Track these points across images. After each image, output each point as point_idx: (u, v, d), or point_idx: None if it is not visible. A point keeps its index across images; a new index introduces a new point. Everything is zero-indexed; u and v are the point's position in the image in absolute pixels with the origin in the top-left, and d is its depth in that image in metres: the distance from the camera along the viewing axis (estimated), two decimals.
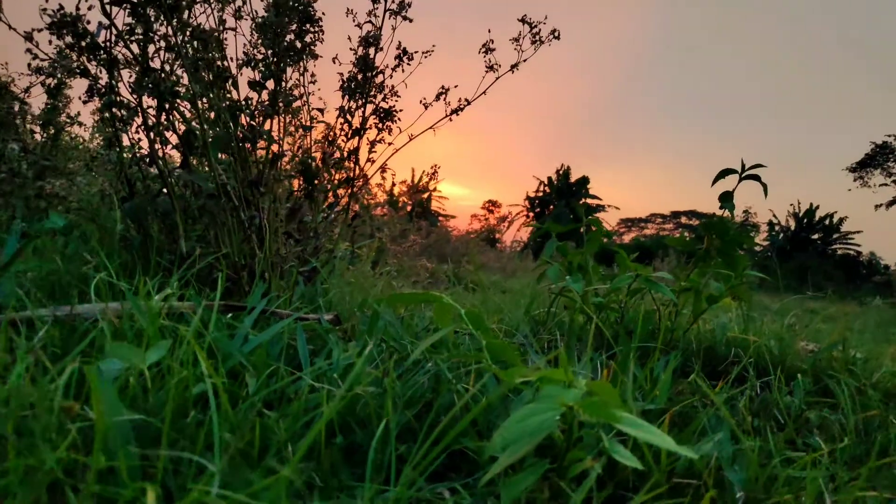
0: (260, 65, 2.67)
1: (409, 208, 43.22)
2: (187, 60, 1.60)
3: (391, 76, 2.80)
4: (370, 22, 2.85)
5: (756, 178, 2.06)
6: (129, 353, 0.88)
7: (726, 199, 2.03)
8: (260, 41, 2.65)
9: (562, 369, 0.90)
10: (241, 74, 2.46)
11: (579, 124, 79.00)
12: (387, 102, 2.90)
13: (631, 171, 77.40)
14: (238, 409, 0.92)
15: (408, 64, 2.78)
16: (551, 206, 40.52)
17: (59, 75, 1.70)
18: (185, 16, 1.75)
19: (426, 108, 3.01)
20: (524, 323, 2.28)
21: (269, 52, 2.64)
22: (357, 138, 2.85)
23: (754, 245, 2.16)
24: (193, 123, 1.71)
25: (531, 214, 41.73)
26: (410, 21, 2.88)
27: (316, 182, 2.90)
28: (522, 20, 2.89)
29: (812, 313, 9.18)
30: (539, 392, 0.91)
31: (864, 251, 39.62)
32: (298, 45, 2.79)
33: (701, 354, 1.87)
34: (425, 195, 42.77)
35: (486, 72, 2.85)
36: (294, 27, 2.75)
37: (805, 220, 38.67)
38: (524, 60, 2.90)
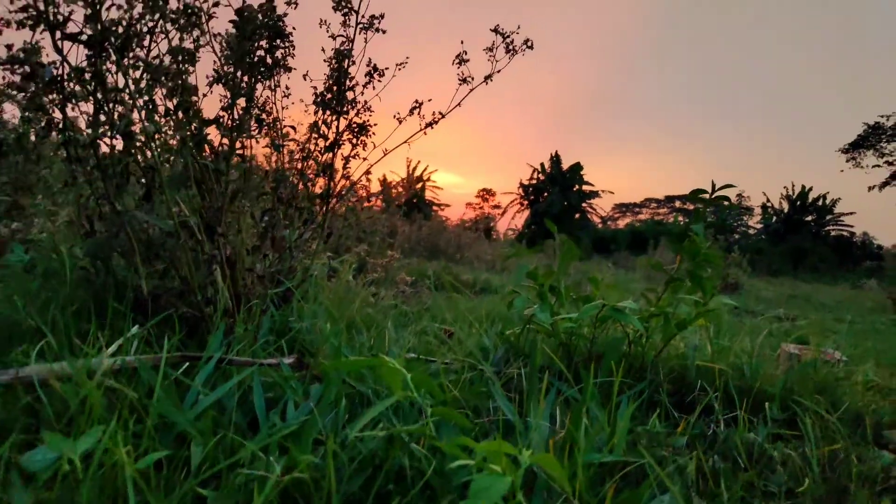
0: (231, 82, 2.63)
1: (403, 199, 43.25)
2: (141, 96, 1.56)
3: (363, 92, 2.77)
4: (342, 35, 2.81)
5: (725, 198, 2.04)
6: (61, 443, 0.87)
7: (697, 219, 2.01)
8: (229, 59, 2.60)
9: (505, 445, 0.88)
10: (212, 92, 2.43)
11: (573, 110, 78.71)
12: (360, 117, 2.87)
13: (625, 156, 77.27)
14: (173, 496, 0.90)
15: (378, 80, 2.74)
16: (545, 193, 40.46)
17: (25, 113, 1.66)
18: (143, 52, 1.71)
19: (400, 122, 2.97)
20: (499, 343, 2.27)
21: (238, 71, 2.60)
22: (331, 154, 2.82)
23: (722, 267, 2.14)
24: (152, 157, 1.67)
25: (525, 202, 41.67)
26: (384, 32, 2.85)
27: (291, 198, 2.87)
28: (495, 30, 2.85)
29: (806, 301, 9.22)
30: (486, 461, 0.90)
31: (858, 232, 39.76)
32: (269, 60, 2.75)
33: (671, 381, 1.86)
34: (419, 185, 42.75)
35: (460, 84, 2.82)
36: (264, 43, 2.72)
37: (798, 203, 38.72)
38: (498, 71, 2.87)
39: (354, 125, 2.84)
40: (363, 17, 2.70)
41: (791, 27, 70.70)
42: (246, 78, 2.68)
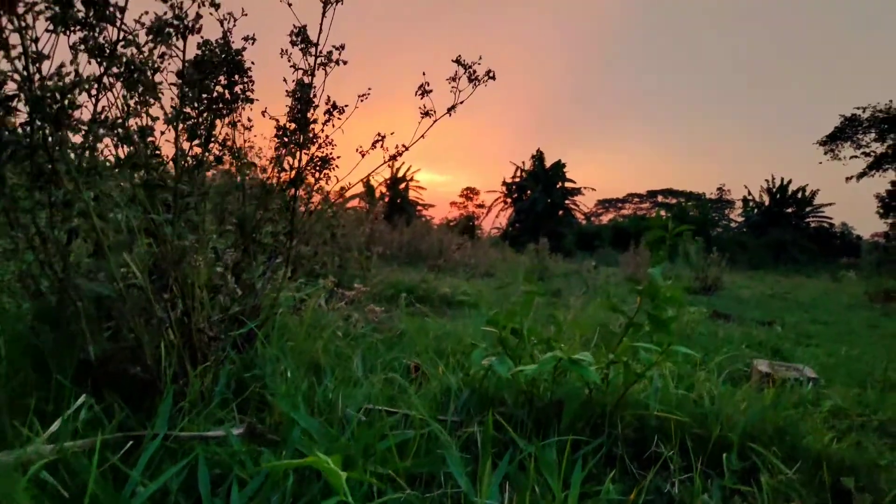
0: (189, 120, 2.58)
1: (386, 199, 43.08)
2: (73, 167, 1.52)
3: (322, 130, 2.73)
4: (302, 69, 2.78)
5: (680, 234, 2.04)
6: None
7: (656, 261, 2.00)
8: (185, 99, 2.56)
9: None
10: (169, 131, 2.38)
11: (554, 106, 78.88)
12: (322, 151, 2.83)
13: (607, 151, 77.63)
14: None
15: (338, 118, 2.71)
16: (528, 192, 40.53)
17: None
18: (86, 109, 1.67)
19: (363, 156, 2.94)
20: (463, 386, 2.24)
21: (195, 110, 2.56)
22: (294, 189, 2.78)
23: (685, 303, 2.14)
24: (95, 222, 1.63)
25: (509, 200, 41.73)
26: (344, 63, 2.81)
27: (253, 236, 2.83)
28: (457, 61, 2.82)
29: (783, 301, 9.30)
30: None
31: (837, 223, 40.30)
32: (228, 95, 2.71)
33: (633, 429, 1.85)
34: (402, 185, 42.64)
35: (422, 117, 2.80)
36: (222, 79, 2.67)
37: (778, 195, 39.12)
38: (461, 102, 2.84)
39: (317, 159, 2.81)
40: (321, 51, 2.67)
41: (769, 19, 71.35)
42: (204, 115, 2.64)
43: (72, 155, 1.64)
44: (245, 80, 2.71)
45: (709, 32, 74.38)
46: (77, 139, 1.55)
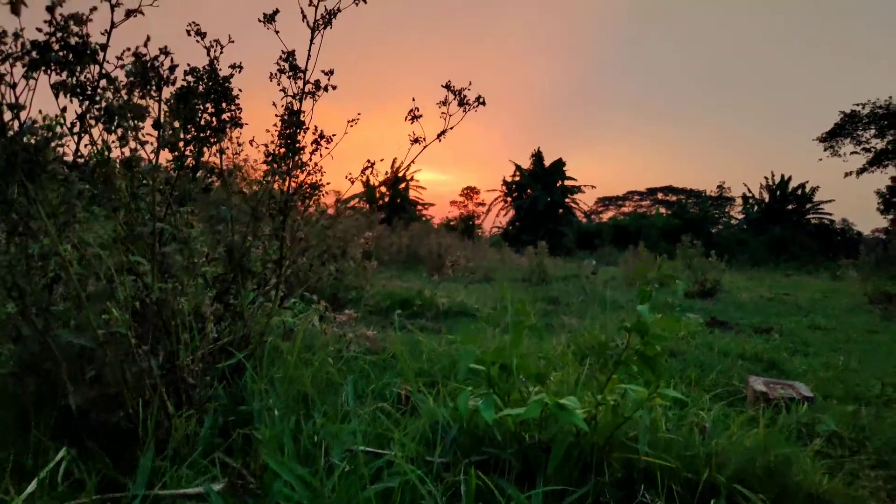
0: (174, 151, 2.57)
1: (386, 199, 43.03)
2: (49, 221, 1.50)
3: (310, 158, 2.71)
4: (290, 95, 2.76)
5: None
6: None
7: (644, 298, 1.98)
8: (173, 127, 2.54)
9: None
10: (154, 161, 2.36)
11: (555, 104, 78.75)
12: (311, 178, 2.81)
13: (607, 148, 77.48)
14: None
15: (326, 147, 2.69)
16: (528, 191, 40.48)
17: None
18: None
19: (352, 182, 2.93)
20: (452, 423, 2.22)
21: (181, 141, 2.55)
22: (283, 217, 2.76)
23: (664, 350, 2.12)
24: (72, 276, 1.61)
25: (509, 199, 41.68)
26: (334, 88, 2.79)
27: (242, 263, 2.81)
28: (447, 87, 2.80)
29: (782, 304, 9.27)
30: None
31: (837, 219, 40.23)
32: (215, 123, 2.70)
33: (621, 468, 1.83)
34: (402, 185, 42.61)
35: (412, 143, 2.78)
36: (210, 107, 2.66)
37: (778, 192, 39.04)
38: (451, 127, 2.83)
39: (306, 185, 2.79)
40: (310, 77, 2.65)
41: (768, 16, 71.14)
42: (192, 145, 2.62)
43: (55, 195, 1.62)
44: (233, 107, 2.70)
45: (708, 28, 74.16)
46: (53, 193, 1.52)
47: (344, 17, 2.66)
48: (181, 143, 2.48)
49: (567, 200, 40.72)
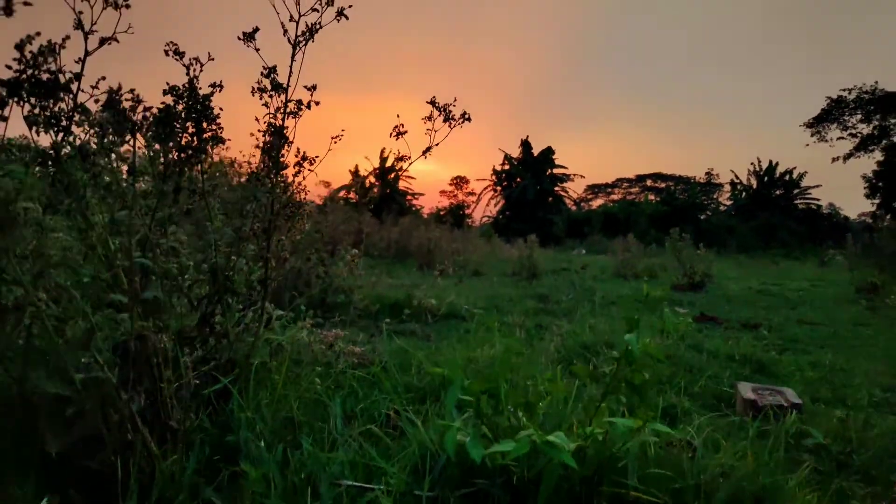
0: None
1: (376, 191, 42.85)
2: (19, 273, 1.46)
3: (293, 178, 2.67)
4: (273, 114, 2.71)
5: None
6: None
7: (634, 325, 1.97)
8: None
9: None
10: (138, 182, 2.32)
11: (543, 91, 78.50)
12: (296, 197, 2.78)
13: (596, 136, 77.45)
14: None
15: (309, 170, 2.65)
16: (518, 179, 40.45)
17: None
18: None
19: (344, 203, 2.88)
20: (440, 452, 2.20)
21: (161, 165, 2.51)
22: (267, 239, 2.72)
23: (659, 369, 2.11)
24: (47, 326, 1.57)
25: (499, 188, 41.64)
26: (317, 104, 2.75)
27: (226, 284, 2.77)
28: (432, 103, 2.77)
29: (771, 297, 9.32)
30: None
31: (824, 203, 40.55)
32: (196, 143, 2.65)
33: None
34: (391, 176, 42.46)
35: (397, 161, 2.74)
36: (190, 128, 2.61)
37: (766, 178, 39.25)
38: (436, 144, 2.79)
39: (292, 203, 2.75)
40: (292, 95, 2.60)
41: (755, 2, 71.19)
42: (172, 167, 2.58)
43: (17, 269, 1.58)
44: (214, 126, 2.64)
45: (694, 15, 74.09)
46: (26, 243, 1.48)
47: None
48: (161, 167, 2.44)
49: (556, 189, 40.75)
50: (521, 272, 11.10)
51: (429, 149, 2.73)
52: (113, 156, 1.76)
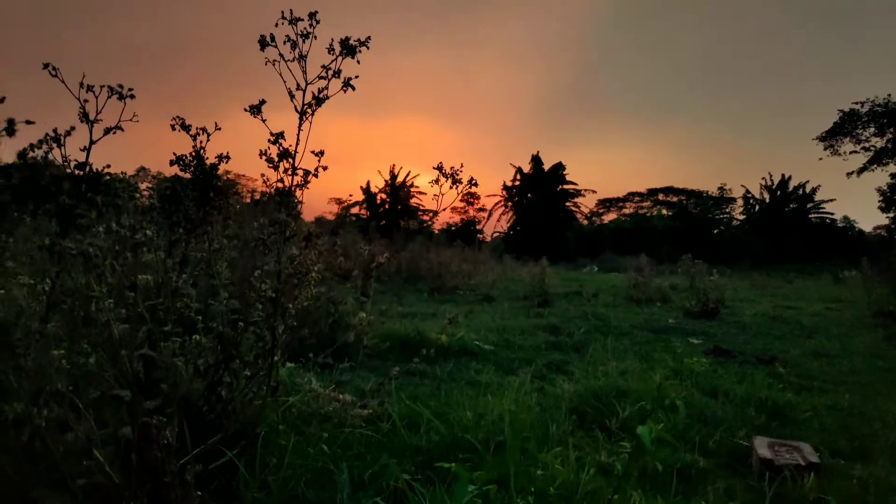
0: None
1: (387, 206, 42.96)
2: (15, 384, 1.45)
3: (300, 254, 2.65)
4: (280, 179, 2.72)
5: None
6: None
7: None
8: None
9: None
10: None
11: (553, 106, 78.59)
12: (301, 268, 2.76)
13: (607, 150, 77.29)
14: None
15: (315, 244, 2.64)
16: (529, 195, 40.44)
17: None
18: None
19: (342, 277, 2.86)
20: None
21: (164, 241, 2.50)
22: (273, 308, 2.71)
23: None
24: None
25: (510, 204, 41.65)
26: (325, 169, 2.75)
27: (234, 351, 2.75)
28: (439, 168, 2.76)
29: (786, 324, 9.19)
30: None
31: (838, 217, 40.18)
32: (201, 214, 2.65)
33: None
34: (402, 192, 42.59)
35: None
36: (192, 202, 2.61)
37: (779, 192, 38.96)
38: (444, 209, 2.78)
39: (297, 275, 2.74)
40: (299, 163, 2.60)
41: (765, 15, 71.02)
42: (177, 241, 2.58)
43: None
44: (220, 199, 2.65)
45: (705, 28, 74.04)
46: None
47: (338, 28, 2.63)
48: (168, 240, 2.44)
49: (567, 204, 40.69)
50: (533, 297, 11.05)
51: (435, 213, 2.72)
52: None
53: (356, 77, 2.61)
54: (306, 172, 2.57)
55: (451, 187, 2.75)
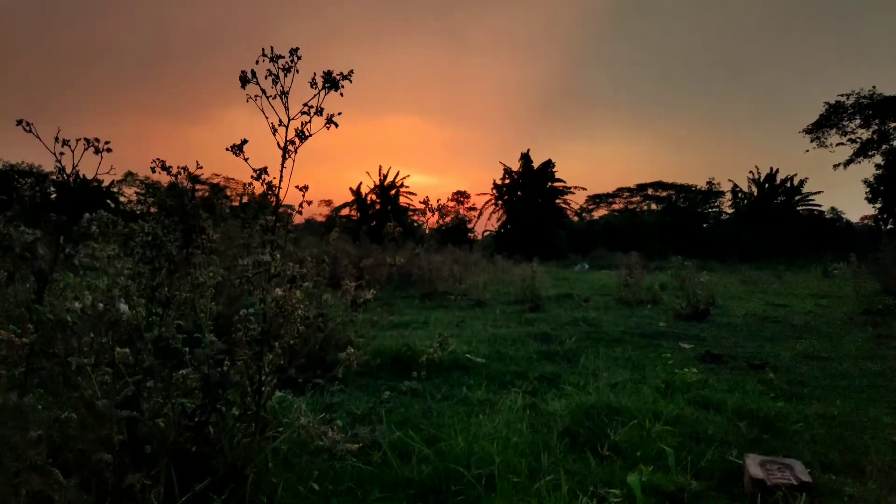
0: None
1: (377, 207, 42.84)
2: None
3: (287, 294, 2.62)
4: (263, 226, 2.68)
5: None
6: None
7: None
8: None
9: None
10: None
11: (542, 103, 78.63)
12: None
13: (597, 146, 77.52)
14: None
15: (298, 286, 2.60)
16: (519, 192, 40.45)
17: None
18: None
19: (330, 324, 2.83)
20: None
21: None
22: (259, 348, 2.67)
23: None
24: None
25: (500, 202, 41.64)
26: (310, 203, 2.72)
27: (220, 392, 2.72)
28: (425, 203, 2.72)
29: (776, 323, 9.23)
30: None
31: (826, 208, 40.48)
32: (184, 254, 2.61)
33: None
34: (392, 192, 42.49)
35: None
36: (177, 241, 2.57)
37: (767, 185, 39.18)
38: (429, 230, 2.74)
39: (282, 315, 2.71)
40: (284, 199, 2.57)
41: (754, 10, 71.34)
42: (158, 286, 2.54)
43: None
44: (203, 238, 2.61)
45: (694, 23, 74.27)
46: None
47: (331, 26, 2.58)
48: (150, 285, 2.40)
49: (557, 201, 40.72)
50: (524, 302, 11.05)
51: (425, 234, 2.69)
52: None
53: (339, 113, 2.58)
54: (290, 210, 2.53)
55: (437, 221, 2.72)
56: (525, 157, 40.39)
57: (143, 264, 2.34)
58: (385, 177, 41.06)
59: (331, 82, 2.62)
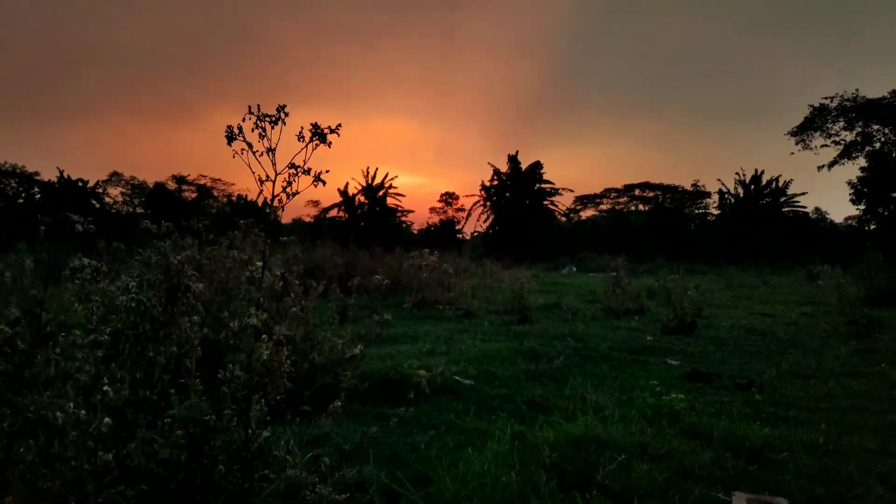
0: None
1: (365, 208, 42.70)
2: None
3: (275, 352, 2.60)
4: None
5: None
6: None
7: None
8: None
9: None
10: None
11: (528, 103, 78.83)
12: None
13: (584, 147, 77.83)
14: None
15: (286, 348, 2.58)
16: (507, 194, 40.52)
17: None
18: None
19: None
20: None
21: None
22: (247, 404, 2.65)
23: None
24: None
25: (488, 203, 41.69)
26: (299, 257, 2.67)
27: (206, 448, 2.69)
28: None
29: (762, 337, 9.32)
30: None
31: (810, 209, 40.90)
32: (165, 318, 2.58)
33: None
34: (380, 193, 42.38)
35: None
36: (160, 307, 2.54)
37: (752, 186, 39.51)
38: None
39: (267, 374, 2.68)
40: None
41: (740, 11, 71.88)
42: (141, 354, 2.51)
43: None
44: (188, 297, 2.58)
45: (680, 25, 74.69)
46: None
47: (319, 26, 2.56)
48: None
49: (545, 203, 40.83)
50: (513, 313, 11.09)
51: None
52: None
53: (327, 171, 2.56)
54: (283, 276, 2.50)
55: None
56: (513, 159, 40.43)
57: (128, 329, 2.30)
58: (373, 177, 40.98)
59: (319, 135, 2.60)
